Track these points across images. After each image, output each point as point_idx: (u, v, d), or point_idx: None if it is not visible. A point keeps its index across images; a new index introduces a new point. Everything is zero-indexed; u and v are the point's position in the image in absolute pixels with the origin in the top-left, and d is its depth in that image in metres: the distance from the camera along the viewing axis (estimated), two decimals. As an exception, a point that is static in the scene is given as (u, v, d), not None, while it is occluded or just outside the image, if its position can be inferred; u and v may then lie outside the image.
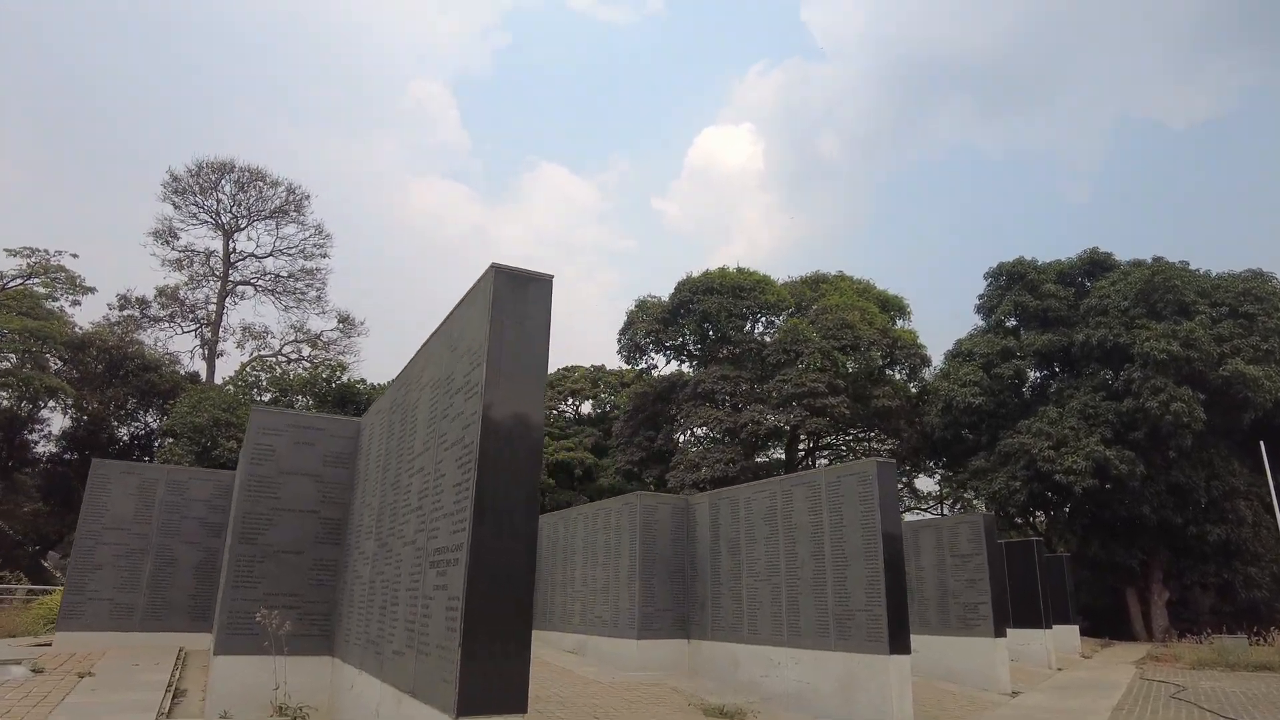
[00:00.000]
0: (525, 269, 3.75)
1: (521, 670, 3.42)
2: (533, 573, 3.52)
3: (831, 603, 8.19)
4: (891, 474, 8.02)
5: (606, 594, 11.19)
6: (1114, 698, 11.43)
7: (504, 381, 3.55)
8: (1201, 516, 27.72)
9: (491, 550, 3.42)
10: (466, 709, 3.20)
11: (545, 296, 3.75)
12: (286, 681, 5.81)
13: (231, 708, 5.72)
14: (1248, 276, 28.99)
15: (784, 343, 34.54)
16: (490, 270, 3.71)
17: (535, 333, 3.66)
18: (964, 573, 12.35)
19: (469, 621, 3.29)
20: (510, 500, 3.50)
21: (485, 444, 3.48)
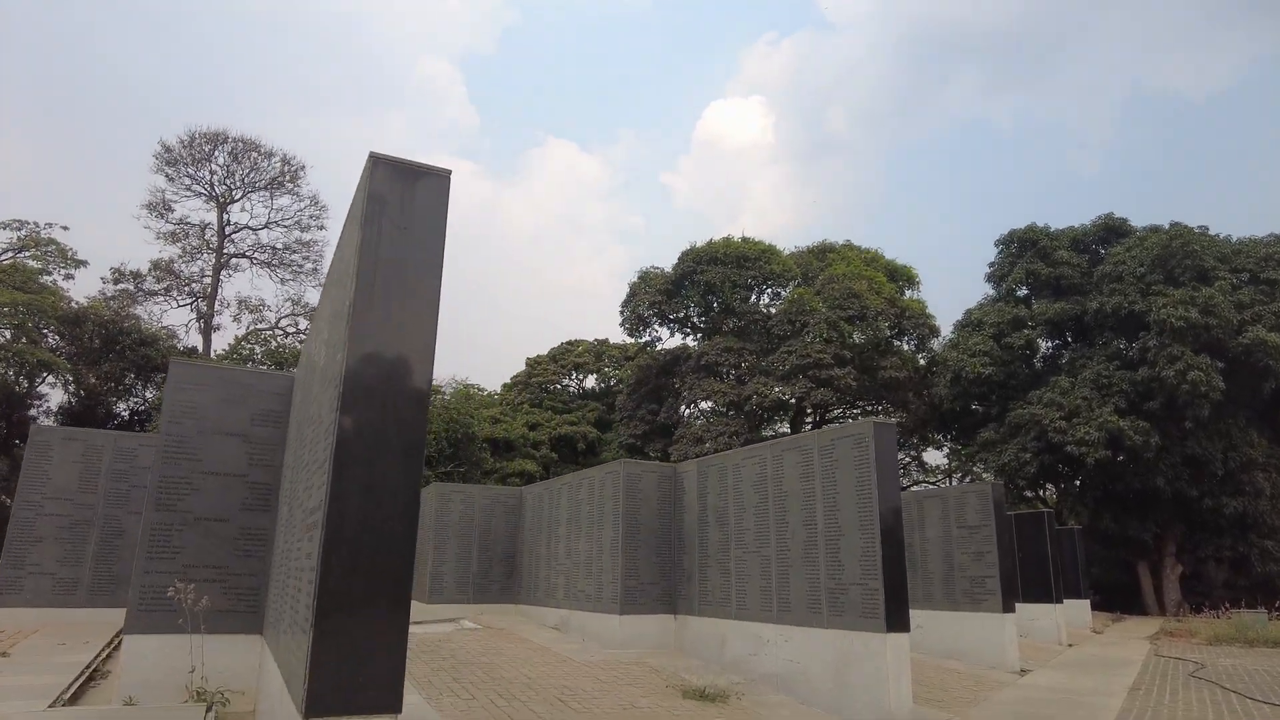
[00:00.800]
0: (415, 161, 3.03)
1: (394, 662, 2.74)
2: (412, 541, 2.83)
3: (824, 576, 7.53)
4: (890, 436, 7.31)
5: (590, 567, 10.57)
6: (1129, 676, 10.77)
7: (379, 302, 2.85)
8: (1218, 489, 26.92)
9: (356, 511, 2.74)
10: (315, 709, 2.54)
11: (439, 198, 3.03)
12: (205, 663, 5.20)
13: (142, 692, 5.12)
14: (1270, 241, 27.93)
15: (789, 313, 33.73)
16: (368, 162, 2.99)
17: (425, 242, 2.95)
18: (971, 545, 11.66)
19: (323, 599, 2.62)
20: (382, 449, 2.81)
21: (352, 380, 2.80)
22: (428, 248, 2.96)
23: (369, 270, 2.83)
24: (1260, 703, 8.66)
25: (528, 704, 6.25)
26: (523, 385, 50.52)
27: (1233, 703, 8.74)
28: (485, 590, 12.98)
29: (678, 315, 40.42)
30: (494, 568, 13.14)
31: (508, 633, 10.18)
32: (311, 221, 39.15)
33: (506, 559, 13.29)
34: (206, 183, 37.25)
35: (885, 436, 7.26)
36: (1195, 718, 7.76)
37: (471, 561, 12.98)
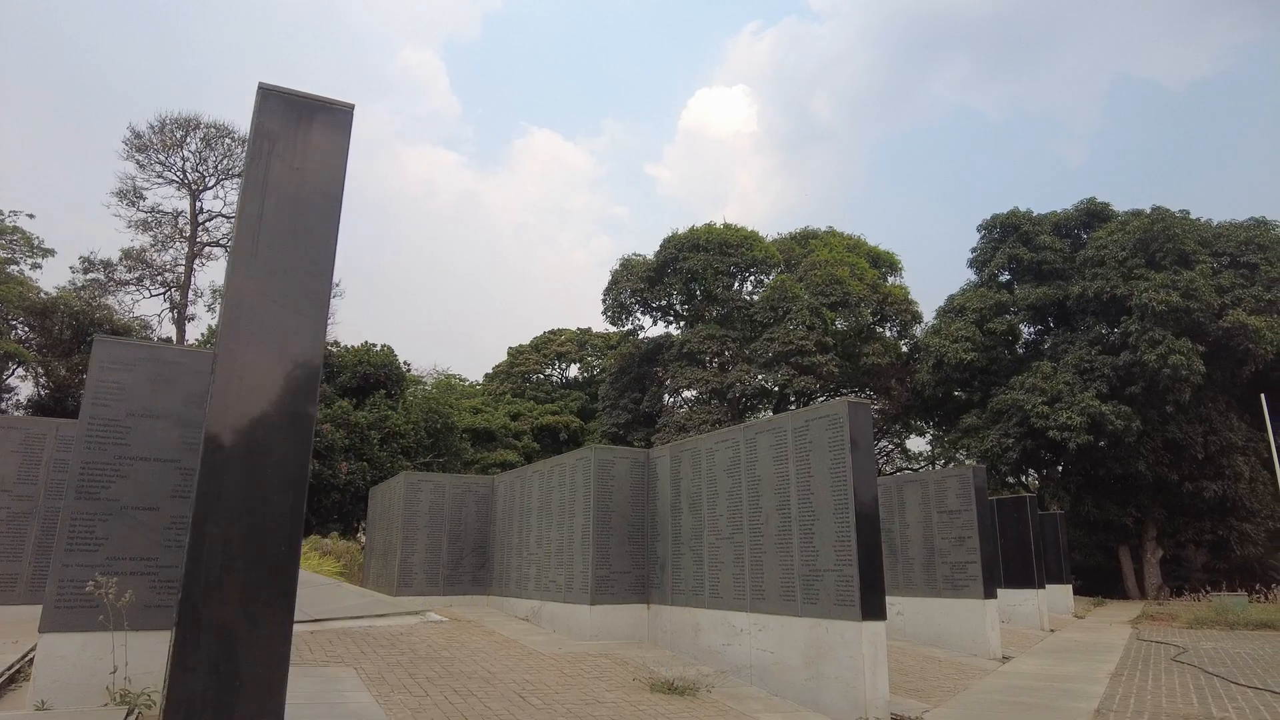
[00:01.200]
0: (313, 93, 2.67)
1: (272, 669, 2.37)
2: (298, 525, 2.48)
3: (798, 563, 7.23)
4: (865, 416, 7.01)
5: (561, 557, 10.25)
6: (1111, 662, 10.59)
7: (264, 253, 2.48)
8: (1198, 472, 26.96)
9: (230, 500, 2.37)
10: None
11: (339, 136, 2.66)
12: (129, 663, 4.83)
13: (58, 695, 4.74)
14: (1250, 225, 27.91)
15: (771, 300, 33.48)
16: (257, 95, 2.61)
17: (322, 185, 2.58)
18: (952, 530, 11.43)
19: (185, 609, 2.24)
20: (263, 421, 2.44)
21: (229, 338, 2.44)
22: (325, 191, 2.59)
23: (253, 217, 2.46)
24: (1243, 686, 8.47)
25: (484, 700, 5.92)
26: (505, 375, 50.07)
27: (1215, 687, 8.55)
28: (456, 582, 12.63)
29: (660, 303, 40.13)
30: (465, 558, 12.79)
31: (475, 625, 9.85)
32: (287, 209, 38.49)
33: (478, 549, 12.94)
34: (178, 170, 36.46)
35: (860, 416, 6.96)
36: (1179, 703, 7.54)
37: (442, 552, 12.62)
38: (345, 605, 9.59)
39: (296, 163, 2.56)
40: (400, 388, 32.62)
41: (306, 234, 2.57)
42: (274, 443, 2.47)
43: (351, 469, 28.25)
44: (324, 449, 27.32)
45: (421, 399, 35.30)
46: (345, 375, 31.71)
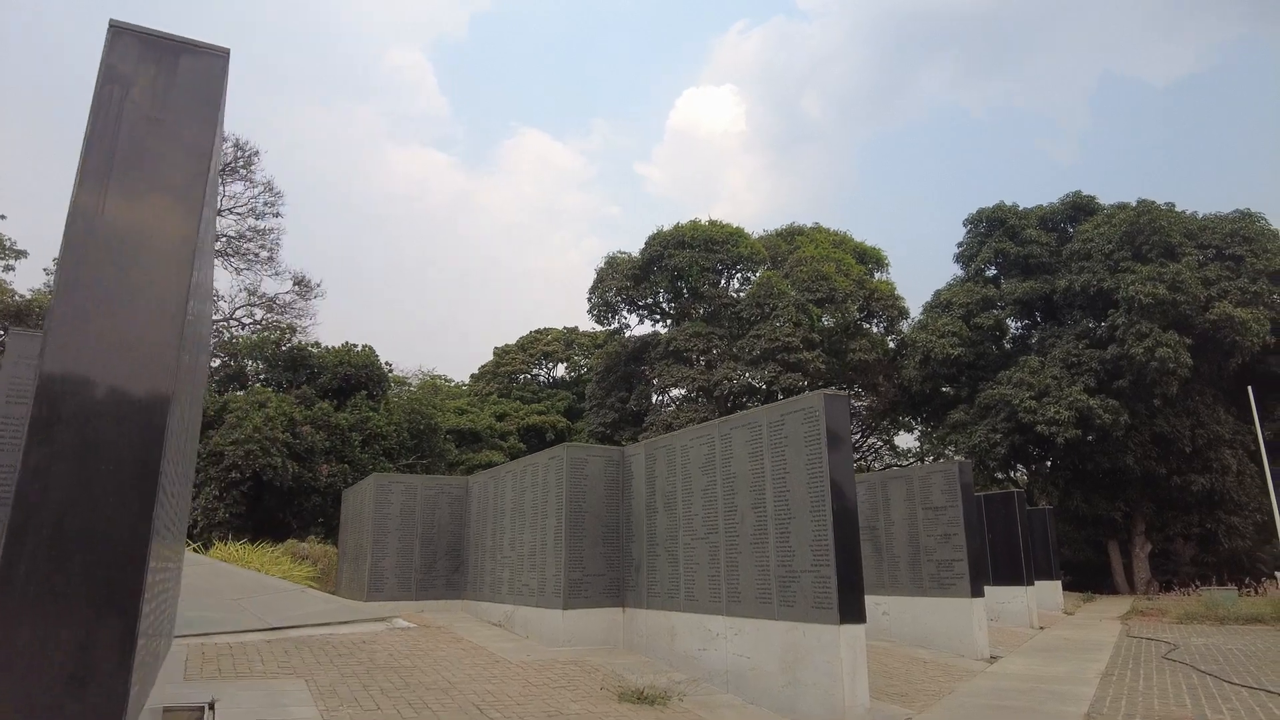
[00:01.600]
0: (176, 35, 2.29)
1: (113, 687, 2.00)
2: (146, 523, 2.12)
3: (774, 563, 6.91)
4: (842, 408, 6.69)
5: (534, 559, 9.89)
6: (1101, 661, 10.32)
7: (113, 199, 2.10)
8: (1185, 466, 26.86)
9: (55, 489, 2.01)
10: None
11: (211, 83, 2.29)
12: None
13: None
14: (1235, 218, 27.81)
15: (757, 297, 33.21)
16: (108, 34, 2.22)
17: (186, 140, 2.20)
18: (937, 527, 11.14)
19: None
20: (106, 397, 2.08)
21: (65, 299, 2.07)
22: (191, 147, 2.22)
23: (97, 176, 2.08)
24: (1237, 686, 8.20)
25: (437, 713, 5.56)
26: (491, 375, 49.61)
27: (1208, 687, 8.28)
28: (429, 586, 12.25)
29: (646, 301, 39.82)
30: (439, 562, 12.41)
31: (445, 631, 9.47)
32: (266, 209, 37.96)
33: (452, 552, 12.57)
34: (154, 169, 35.87)
35: (836, 408, 6.64)
36: (1171, 705, 7.26)
37: (414, 556, 12.24)
38: (307, 612, 9.20)
39: (155, 113, 2.20)
40: (382, 389, 32.16)
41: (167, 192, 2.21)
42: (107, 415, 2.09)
43: (332, 471, 27.76)
44: (304, 451, 26.84)
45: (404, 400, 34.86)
46: (326, 376, 31.22)
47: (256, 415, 25.86)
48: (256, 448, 24.98)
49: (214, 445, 25.09)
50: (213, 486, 24.85)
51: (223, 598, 9.13)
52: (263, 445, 25.09)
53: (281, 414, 26.81)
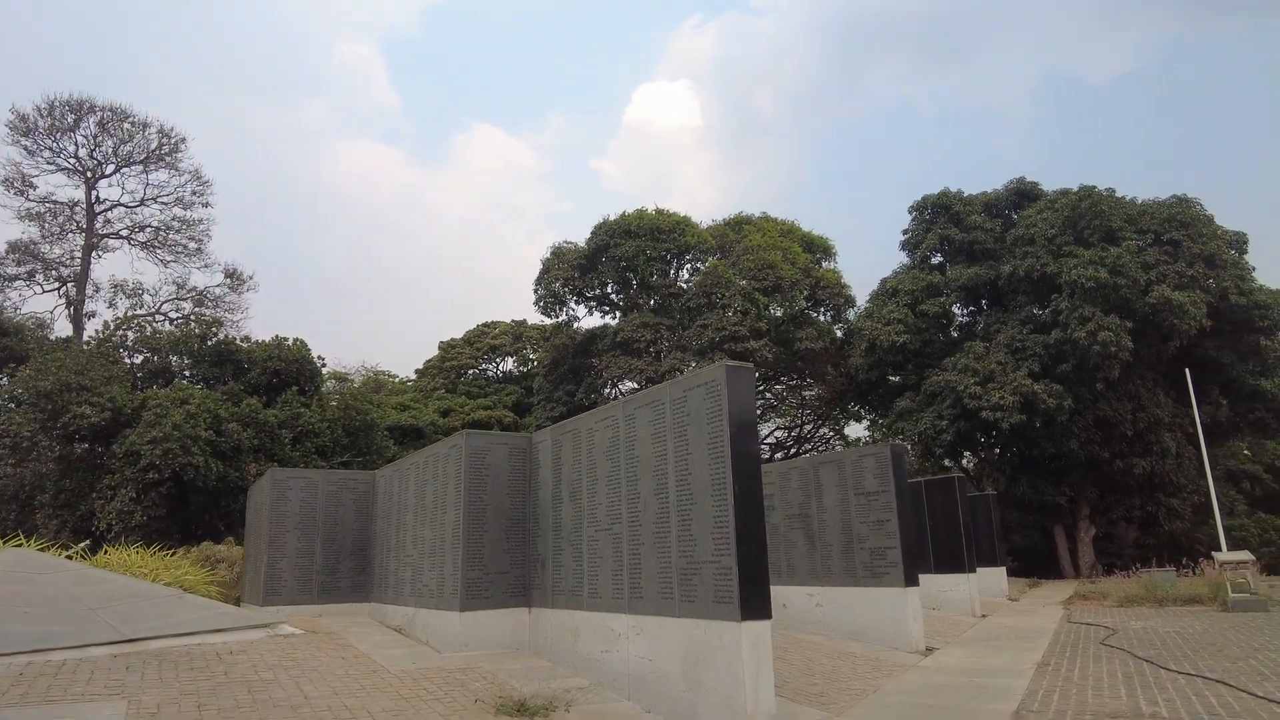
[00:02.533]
0: None
1: None
2: None
3: (675, 555, 6.23)
4: (747, 382, 6.02)
5: (434, 558, 9.09)
6: (1039, 650, 9.87)
7: None
8: (1127, 449, 26.97)
9: None
10: None
11: None
12: None
13: None
14: (1172, 203, 27.97)
15: (704, 286, 32.63)
16: None
17: None
18: (870, 513, 10.59)
19: None
20: None
21: None
22: None
23: None
24: (1174, 672, 7.76)
25: (270, 740, 4.77)
26: (436, 370, 48.39)
27: (1145, 674, 7.83)
28: (332, 589, 11.37)
29: (594, 293, 39.06)
30: (343, 562, 11.53)
31: (333, 638, 8.64)
32: (194, 198, 36.31)
33: (358, 552, 11.69)
34: (72, 156, 34.00)
35: (740, 383, 5.97)
36: (1106, 696, 6.76)
37: (315, 556, 11.34)
38: (178, 621, 8.29)
39: None
40: (315, 384, 30.86)
41: None
42: None
43: (261, 470, 26.49)
44: (230, 450, 25.55)
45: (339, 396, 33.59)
46: (255, 372, 29.85)
47: (177, 412, 24.50)
48: (176, 446, 23.65)
49: (130, 445, 23.72)
50: (129, 488, 23.48)
51: (78, 607, 8.17)
52: (183, 444, 23.76)
53: (205, 411, 25.48)
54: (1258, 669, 7.87)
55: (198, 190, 36.02)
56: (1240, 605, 13.66)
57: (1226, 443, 31.28)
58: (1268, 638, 10.31)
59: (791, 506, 11.92)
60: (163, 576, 11.73)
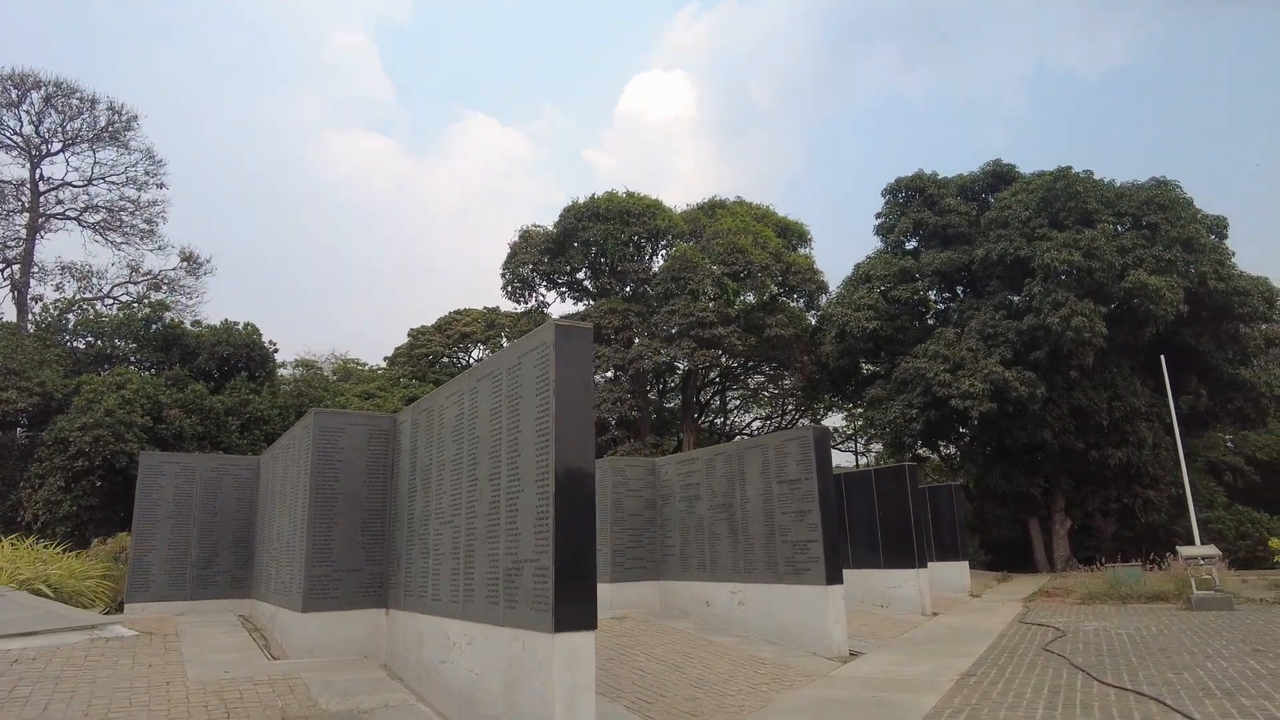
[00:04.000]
0: None
1: None
2: None
3: (503, 552, 5.25)
4: (582, 347, 5.02)
5: (288, 551, 8.10)
6: (974, 655, 8.94)
7: None
8: (1103, 440, 26.11)
9: None
10: None
11: None
12: None
13: None
14: (1151, 185, 27.04)
15: (672, 271, 31.58)
16: None
17: None
18: (792, 503, 9.62)
19: None
20: None
21: None
22: None
23: None
24: (1108, 685, 6.83)
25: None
26: (405, 358, 47.27)
27: (1075, 686, 6.90)
28: (209, 584, 10.38)
29: (565, 278, 38.01)
30: (222, 555, 10.53)
31: (169, 640, 7.64)
32: (147, 178, 35.05)
33: (240, 543, 10.69)
34: (15, 132, 32.70)
35: (573, 347, 4.96)
36: (1020, 716, 5.82)
37: (190, 549, 10.35)
38: (-15, 624, 7.29)
39: None
40: (266, 369, 29.74)
41: None
42: None
43: (205, 459, 25.44)
44: (171, 437, 24.47)
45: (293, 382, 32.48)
46: (203, 357, 28.72)
47: (111, 397, 23.40)
48: (108, 433, 22.55)
49: (59, 431, 22.62)
50: (58, 476, 22.40)
51: None
52: (115, 430, 22.67)
53: (143, 396, 24.37)
54: (1203, 681, 6.95)
55: (150, 170, 34.78)
56: (1204, 603, 12.79)
57: (1206, 433, 30.47)
58: (1224, 641, 9.40)
59: (716, 496, 10.95)
60: (24, 571, 10.70)
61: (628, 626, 9.93)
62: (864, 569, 14.80)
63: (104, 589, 11.76)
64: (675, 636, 9.45)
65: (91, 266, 33.99)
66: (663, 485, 12.14)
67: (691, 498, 11.45)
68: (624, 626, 9.91)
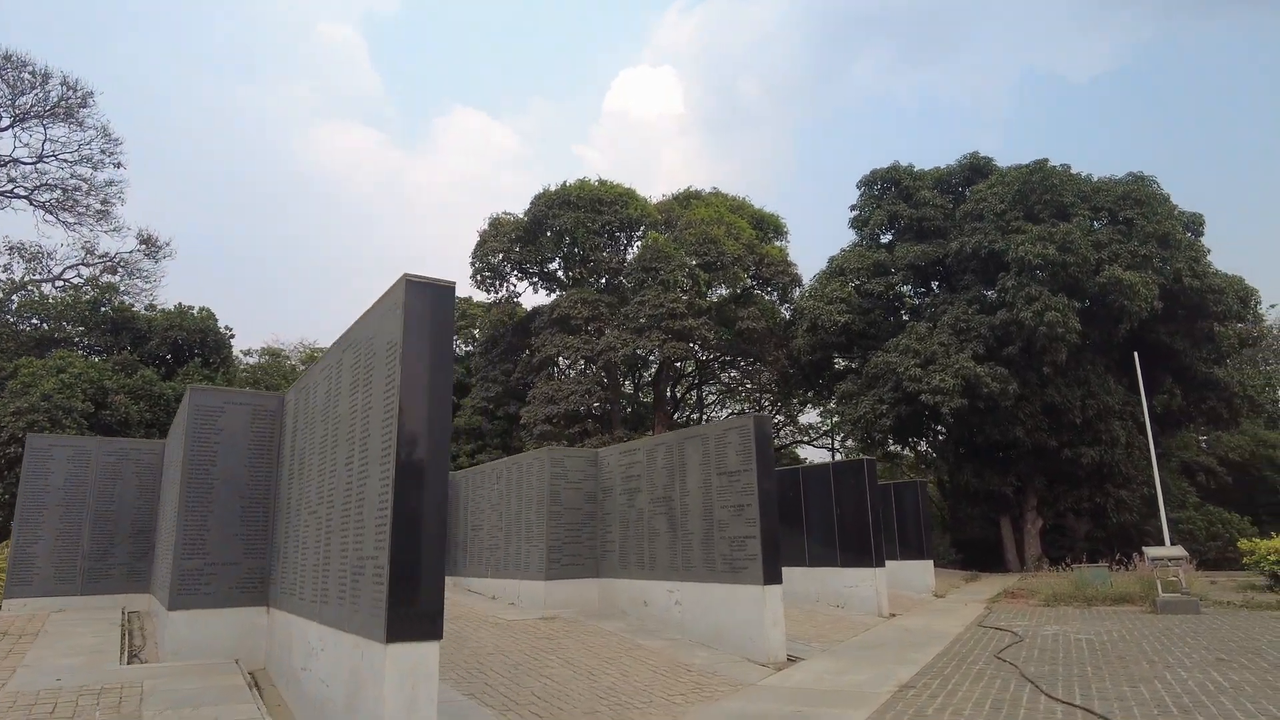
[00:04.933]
0: None
1: None
2: None
3: (352, 546, 4.54)
4: (442, 305, 4.31)
5: (166, 541, 7.34)
6: (920, 663, 8.31)
7: None
8: (1076, 438, 25.67)
9: None
10: None
11: None
12: None
13: None
14: (1128, 180, 26.58)
15: (643, 260, 30.82)
16: None
17: None
18: (731, 496, 8.95)
19: None
20: None
21: None
22: None
23: None
24: (1055, 700, 6.21)
25: None
26: (375, 347, 46.27)
27: (1021, 700, 6.27)
28: (102, 577, 9.58)
29: (537, 268, 37.13)
30: (119, 546, 9.74)
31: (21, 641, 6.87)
32: (104, 157, 33.83)
33: (140, 534, 9.90)
34: (-37, 106, 31.41)
35: (427, 306, 4.24)
36: (954, 736, 5.17)
37: (82, 539, 9.54)
38: None
39: None
40: (221, 356, 28.78)
41: None
42: None
43: (153, 447, 24.49)
44: (116, 424, 23.53)
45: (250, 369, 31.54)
46: (155, 341, 27.74)
47: (49, 381, 22.44)
48: (44, 418, 21.65)
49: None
50: (-11, 464, 21.40)
51: None
52: (52, 415, 21.76)
53: (85, 380, 23.42)
54: (1159, 696, 6.34)
55: (107, 149, 33.56)
56: (1170, 606, 12.25)
57: (1179, 433, 30.16)
58: (1187, 649, 8.83)
59: (656, 489, 10.26)
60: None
61: (554, 628, 9.24)
62: (821, 567, 14.20)
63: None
64: (602, 639, 8.77)
65: (42, 247, 32.77)
66: (605, 477, 11.45)
67: (632, 490, 10.76)
68: (550, 628, 9.22)
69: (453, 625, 9.04)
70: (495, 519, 12.76)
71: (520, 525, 11.75)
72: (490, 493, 13.09)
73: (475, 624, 9.36)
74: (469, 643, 8.21)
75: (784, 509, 15.06)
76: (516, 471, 12.17)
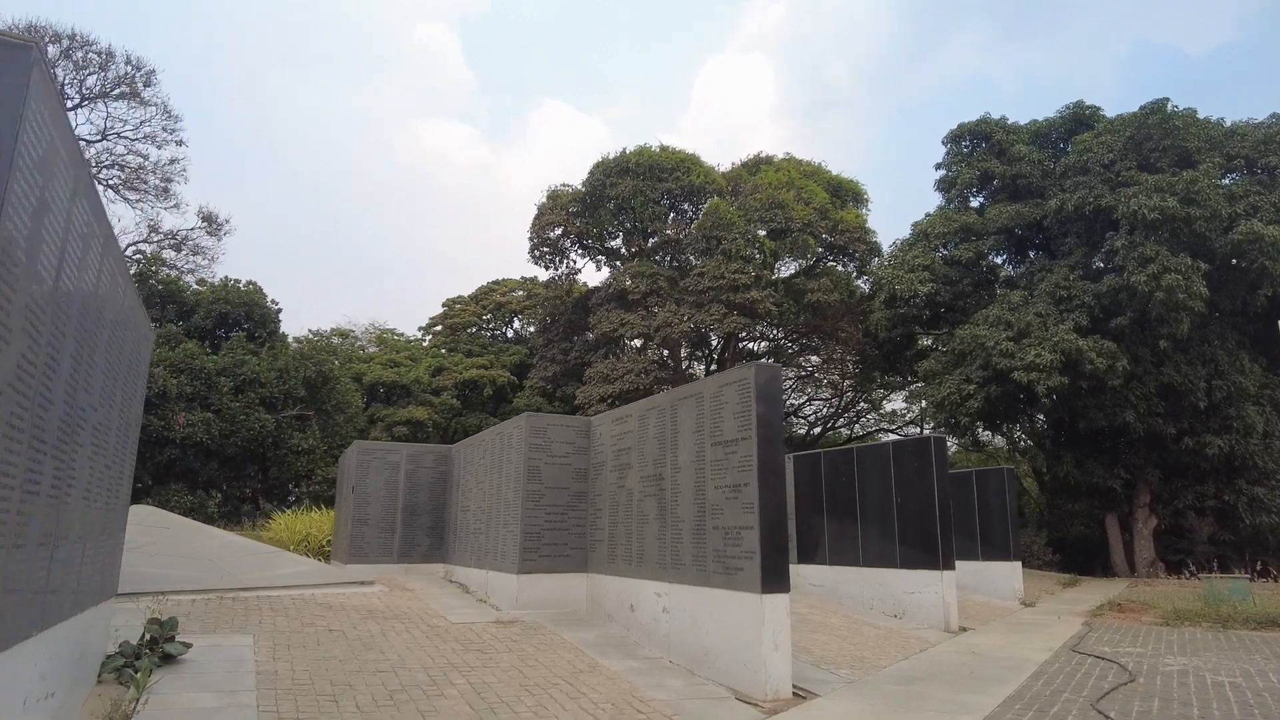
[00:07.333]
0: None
1: None
2: None
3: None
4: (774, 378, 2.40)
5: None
6: (980, 711, 5.92)
7: None
8: (1200, 425, 22.02)
9: None
10: None
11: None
12: None
13: None
14: (1271, 123, 22.64)
15: (704, 228, 28.51)
16: None
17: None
18: (726, 473, 6.72)
19: None
20: None
21: None
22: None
23: None
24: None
25: None
26: (439, 328, 45.52)
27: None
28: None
29: (597, 242, 35.20)
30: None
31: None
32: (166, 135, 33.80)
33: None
34: (61, 85, 31.77)
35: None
36: None
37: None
38: None
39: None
40: (267, 330, 28.08)
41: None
42: None
43: (192, 421, 23.89)
44: (154, 397, 22.96)
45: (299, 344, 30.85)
46: (199, 314, 27.27)
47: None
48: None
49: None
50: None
51: None
52: (83, 387, 21.16)
53: (122, 353, 22.86)
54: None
55: (168, 127, 33.50)
56: (1339, 634, 9.31)
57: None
58: (1386, 705, 6.12)
59: (647, 464, 8.10)
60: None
61: (502, 637, 7.23)
62: (877, 568, 11.75)
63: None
64: (553, 656, 6.71)
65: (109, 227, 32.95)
66: (597, 451, 9.35)
67: (623, 466, 8.62)
68: (497, 636, 7.22)
69: (374, 625, 7.15)
70: (480, 499, 10.86)
71: (500, 507, 9.81)
72: (477, 468, 11.20)
73: (406, 625, 7.43)
74: (373, 650, 6.29)
75: (835, 496, 12.67)
76: (499, 443, 10.21)
